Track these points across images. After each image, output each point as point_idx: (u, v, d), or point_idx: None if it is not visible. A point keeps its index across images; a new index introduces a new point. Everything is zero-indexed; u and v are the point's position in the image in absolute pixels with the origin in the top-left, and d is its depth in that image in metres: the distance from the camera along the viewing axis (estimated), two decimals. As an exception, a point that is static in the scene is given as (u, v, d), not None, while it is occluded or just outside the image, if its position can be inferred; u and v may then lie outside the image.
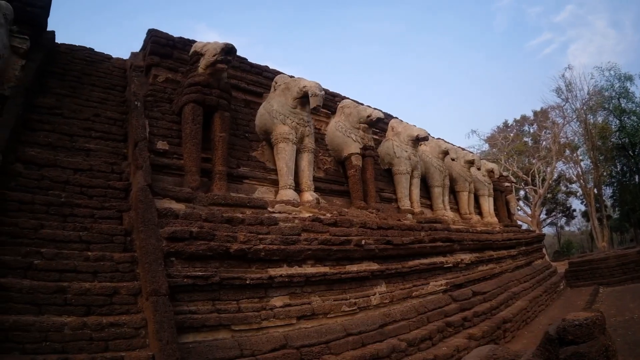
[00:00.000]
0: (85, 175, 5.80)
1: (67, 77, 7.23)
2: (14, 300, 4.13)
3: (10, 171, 5.36)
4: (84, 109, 6.71)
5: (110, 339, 4.21)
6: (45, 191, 5.38)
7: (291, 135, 7.50)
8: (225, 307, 5.15)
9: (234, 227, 5.83)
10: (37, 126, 6.14)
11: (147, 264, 4.67)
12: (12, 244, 4.65)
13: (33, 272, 4.41)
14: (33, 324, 3.97)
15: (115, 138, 6.57)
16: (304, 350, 5.25)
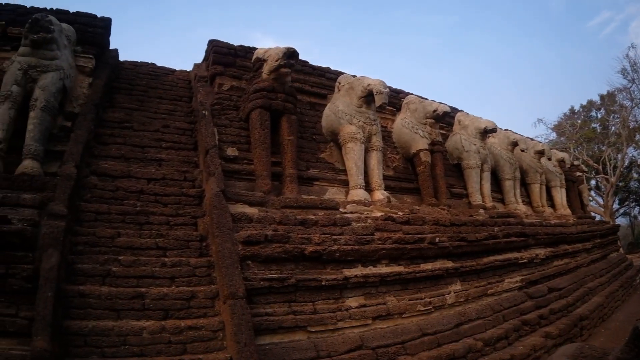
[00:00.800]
0: (158, 184, 5.92)
1: (134, 92, 7.45)
2: (92, 307, 4.27)
3: (86, 184, 5.57)
4: (153, 121, 6.88)
5: (189, 342, 4.29)
6: (121, 201, 5.54)
7: (359, 134, 7.40)
8: (301, 308, 5.13)
9: (308, 229, 5.81)
10: (109, 140, 6.34)
11: (224, 267, 4.71)
12: (90, 252, 4.83)
13: (111, 279, 4.55)
14: (112, 329, 4.11)
15: (185, 147, 6.68)
16: (379, 350, 5.16)
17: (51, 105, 5.83)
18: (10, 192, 4.97)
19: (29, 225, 4.45)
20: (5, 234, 4.33)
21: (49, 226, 4.48)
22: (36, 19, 5.92)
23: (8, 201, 4.74)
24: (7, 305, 4.12)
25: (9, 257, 4.28)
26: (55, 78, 5.93)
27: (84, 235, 4.96)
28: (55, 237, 4.41)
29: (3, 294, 4.16)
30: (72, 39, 6.59)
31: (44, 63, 5.95)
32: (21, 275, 4.19)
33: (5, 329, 3.99)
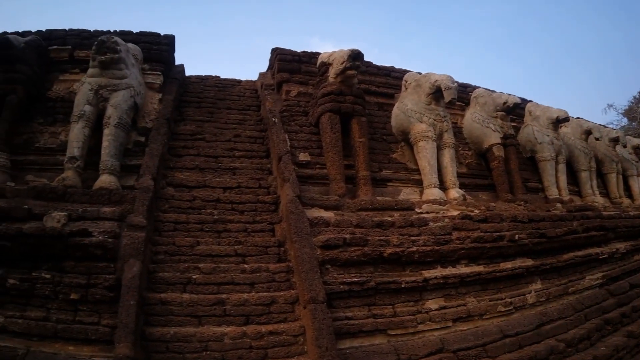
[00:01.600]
0: (234, 192, 5.99)
1: (203, 104, 7.57)
2: (174, 314, 4.44)
3: (163, 195, 5.75)
4: (224, 131, 6.95)
5: (269, 346, 4.33)
6: (198, 210, 5.68)
7: (430, 132, 7.20)
8: (381, 311, 5.04)
9: (385, 230, 5.69)
10: (183, 152, 6.47)
11: (304, 272, 4.71)
12: (170, 261, 5.01)
13: (192, 287, 4.70)
14: (194, 335, 4.25)
15: (257, 155, 6.72)
16: (460, 354, 4.99)
17: (124, 122, 5.98)
18: (89, 206, 5.16)
19: (110, 237, 4.61)
20: (87, 246, 4.52)
21: (130, 237, 4.66)
22: (102, 40, 6.08)
23: (88, 215, 4.90)
24: (90, 314, 4.36)
25: (91, 268, 4.52)
26: (126, 96, 6.09)
27: (163, 245, 5.13)
28: (136, 248, 4.59)
29: (86, 303, 4.40)
30: (139, 58, 6.77)
31: (113, 82, 6.11)
32: (103, 285, 4.40)
33: (87, 337, 4.21)
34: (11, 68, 6.52)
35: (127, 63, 6.28)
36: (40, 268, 4.57)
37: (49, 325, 4.29)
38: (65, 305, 4.41)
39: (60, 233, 4.56)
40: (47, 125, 6.53)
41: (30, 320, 4.34)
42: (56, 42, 7.26)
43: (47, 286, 4.44)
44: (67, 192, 5.37)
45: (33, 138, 6.44)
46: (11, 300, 4.51)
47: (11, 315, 4.41)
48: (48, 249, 4.59)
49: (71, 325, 4.29)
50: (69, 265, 4.56)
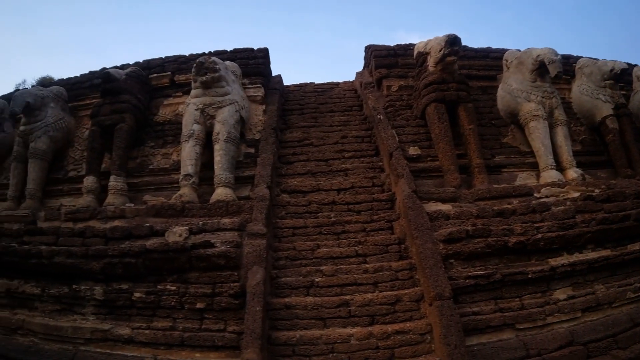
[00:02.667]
0: (348, 193, 5.97)
1: (305, 110, 7.64)
2: (299, 317, 4.53)
3: (279, 202, 5.86)
4: (330, 134, 6.94)
5: (396, 346, 4.25)
6: (315, 214, 5.72)
7: (539, 111, 6.84)
8: (508, 305, 4.78)
9: (507, 219, 5.43)
10: (293, 158, 6.56)
11: (427, 268, 4.60)
12: (292, 266, 5.16)
13: (315, 289, 4.78)
14: (320, 337, 4.29)
15: (367, 154, 6.65)
16: (590, 346, 4.63)
17: (233, 136, 6.12)
18: (208, 219, 5.39)
19: (232, 247, 4.77)
20: (211, 257, 4.71)
21: (251, 245, 4.80)
22: (201, 62, 6.26)
23: (209, 227, 5.13)
24: (216, 321, 4.56)
25: (215, 278, 4.73)
26: (232, 111, 6.24)
27: (284, 250, 5.24)
28: (258, 255, 4.72)
29: (211, 311, 4.61)
30: (238, 73, 6.90)
31: (217, 100, 6.27)
32: (228, 293, 4.58)
33: (214, 344, 4.40)
34: (117, 99, 6.88)
35: (227, 80, 6.41)
36: (165, 281, 4.87)
37: (176, 334, 4.52)
38: (191, 314, 4.63)
39: (184, 246, 4.79)
40: (158, 147, 6.85)
41: (157, 331, 4.61)
42: (155, 70, 7.57)
43: (173, 297, 4.69)
44: (185, 208, 5.62)
45: (146, 161, 6.79)
46: (138, 313, 4.83)
47: (138, 326, 4.71)
48: (172, 263, 4.84)
49: (197, 333, 4.48)
50: (193, 276, 4.78)
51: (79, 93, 8.17)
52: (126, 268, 4.96)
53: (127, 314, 4.88)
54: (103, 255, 5.09)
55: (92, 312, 5.08)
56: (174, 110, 7.20)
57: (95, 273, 5.10)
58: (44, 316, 5.36)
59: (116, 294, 4.94)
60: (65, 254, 5.32)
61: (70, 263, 5.23)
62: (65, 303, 5.28)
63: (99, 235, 5.45)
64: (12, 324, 5.45)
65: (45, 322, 5.25)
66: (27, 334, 5.30)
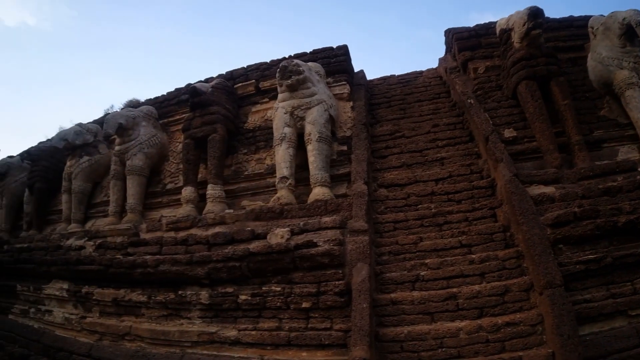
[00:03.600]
0: (446, 182, 5.82)
1: (393, 102, 7.54)
2: (406, 312, 4.44)
3: (377, 197, 5.80)
4: (421, 124, 6.82)
5: (506, 339, 4.08)
6: (415, 207, 5.60)
7: (634, 78, 6.38)
8: (620, 290, 4.43)
9: (613, 198, 5.09)
10: (386, 152, 6.48)
11: (536, 255, 4.36)
12: (395, 260, 5.05)
13: (421, 284, 4.67)
14: (428, 333, 4.17)
15: (461, 141, 6.45)
16: None
17: (325, 135, 6.12)
18: (308, 219, 5.43)
19: (335, 245, 4.79)
20: (314, 256, 4.74)
21: (354, 242, 4.78)
22: (284, 66, 6.33)
23: (310, 227, 5.17)
24: (322, 320, 4.59)
25: (319, 277, 4.75)
26: (321, 110, 6.25)
27: (386, 245, 5.17)
28: (361, 251, 4.69)
29: (317, 310, 4.64)
30: (322, 73, 6.91)
31: (305, 101, 6.30)
32: (333, 292, 4.59)
33: (320, 342, 4.43)
34: (206, 111, 7.09)
35: (312, 80, 6.43)
36: (270, 282, 4.96)
37: (282, 334, 4.60)
38: (297, 314, 4.68)
39: (287, 247, 4.87)
40: (251, 153, 7.00)
41: (264, 331, 4.72)
42: (240, 80, 7.74)
43: (278, 298, 4.77)
44: (284, 210, 5.70)
45: (241, 167, 6.98)
46: (243, 315, 4.97)
47: (244, 328, 4.86)
48: (275, 264, 4.93)
49: (304, 332, 4.52)
50: (298, 276, 4.84)
51: (167, 110, 8.50)
52: (231, 272, 5.11)
53: (232, 317, 5.04)
54: (207, 260, 5.27)
55: (199, 315, 5.29)
56: (263, 116, 7.36)
57: (201, 278, 5.30)
58: (151, 322, 5.65)
59: (222, 297, 5.12)
60: (170, 262, 5.55)
61: (176, 270, 5.46)
62: (171, 308, 5.53)
63: (202, 242, 5.67)
64: (120, 330, 5.79)
65: (152, 327, 5.55)
66: (134, 340, 5.61)
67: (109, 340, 5.90)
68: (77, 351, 5.95)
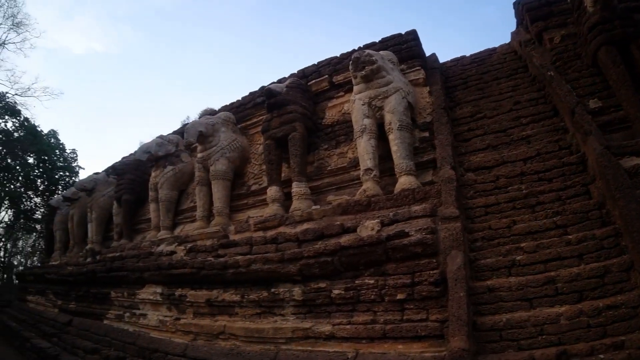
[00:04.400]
0: (535, 161, 5.59)
1: (469, 83, 7.38)
2: (503, 300, 4.25)
3: (465, 181, 5.65)
4: (501, 103, 6.62)
5: (608, 323, 3.81)
6: (505, 189, 5.42)
7: None
8: None
9: None
10: (469, 135, 6.35)
11: (635, 232, 4.05)
12: (489, 246, 4.85)
13: (517, 269, 4.47)
14: (527, 320, 3.99)
15: (545, 116, 6.19)
16: None
17: (405, 123, 6.04)
18: (396, 209, 5.38)
19: (428, 233, 4.67)
20: (407, 247, 4.66)
21: (446, 229, 4.66)
22: (356, 57, 6.29)
23: (400, 217, 5.10)
24: (417, 311, 4.48)
25: (413, 267, 4.66)
26: (399, 98, 6.15)
27: (479, 231, 5.02)
28: (455, 239, 4.57)
29: (412, 301, 4.53)
30: (395, 61, 6.82)
31: (382, 90, 6.23)
32: (428, 281, 4.46)
33: (417, 334, 4.33)
34: (284, 111, 7.19)
35: (386, 69, 6.36)
36: (363, 275, 4.94)
37: (377, 327, 4.55)
38: (391, 306, 4.62)
39: (378, 239, 4.81)
40: (332, 148, 7.03)
41: (358, 325, 4.69)
42: (313, 77, 7.81)
43: (372, 291, 4.74)
44: (371, 202, 5.67)
45: (323, 163, 7.02)
46: (337, 309, 4.97)
47: (338, 322, 4.86)
48: (367, 257, 4.89)
49: (399, 324, 4.46)
50: (391, 267, 4.78)
51: (244, 114, 8.70)
52: (323, 267, 5.14)
53: (326, 311, 5.06)
54: (299, 257, 5.35)
55: (292, 312, 5.37)
56: (340, 110, 7.37)
57: (293, 275, 5.39)
58: (245, 320, 5.79)
59: (315, 293, 5.16)
60: (262, 261, 5.68)
61: (268, 268, 5.59)
62: (264, 306, 5.65)
63: (292, 240, 5.74)
64: (214, 330, 5.98)
65: (246, 325, 5.68)
66: (228, 338, 5.79)
67: (204, 339, 6.14)
68: (172, 352, 6.21)
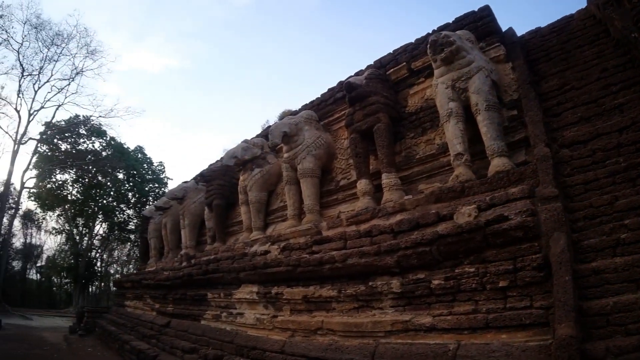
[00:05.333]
0: (631, 131, 5.21)
1: (552, 55, 7.10)
2: (609, 282, 3.96)
3: (560, 158, 5.37)
4: (588, 72, 6.30)
5: None
6: (602, 163, 5.09)
7: None
8: None
9: None
10: (558, 109, 6.10)
11: None
12: (591, 225, 4.56)
13: (622, 248, 4.14)
14: (635, 302, 3.67)
15: (634, 82, 5.74)
16: None
17: (492, 103, 5.91)
18: (492, 192, 5.22)
19: (528, 216, 4.45)
20: (507, 231, 4.46)
21: (547, 210, 4.45)
22: (433, 40, 6.22)
23: (497, 201, 4.92)
24: (520, 298, 4.29)
25: (514, 252, 4.44)
26: (482, 77, 6.01)
27: (580, 210, 4.76)
28: (556, 220, 4.34)
29: (515, 288, 4.34)
30: (472, 39, 6.64)
31: (464, 71, 6.12)
32: (531, 266, 4.25)
33: (521, 322, 4.16)
34: (366, 103, 7.23)
35: (466, 49, 6.23)
36: (462, 264, 4.80)
37: (479, 317, 4.43)
38: (493, 294, 4.48)
39: (477, 225, 4.66)
40: (418, 136, 6.98)
41: (460, 315, 4.59)
42: (390, 65, 7.76)
43: (473, 279, 4.61)
44: (465, 187, 5.58)
45: (411, 152, 6.98)
46: (437, 300, 4.88)
47: (439, 313, 4.78)
48: (466, 244, 4.75)
49: (502, 313, 4.31)
50: (491, 254, 4.61)
51: (326, 111, 8.80)
52: (421, 257, 5.06)
53: (426, 303, 4.99)
54: (396, 249, 5.29)
55: (390, 305, 5.34)
56: (422, 96, 7.26)
57: (390, 267, 5.34)
58: (342, 315, 5.84)
59: (414, 285, 5.10)
60: (358, 255, 5.68)
61: (364, 262, 5.57)
62: (362, 300, 5.66)
63: (386, 232, 5.70)
64: (312, 326, 6.06)
65: (343, 320, 5.71)
66: (326, 334, 5.85)
67: (301, 336, 6.23)
68: (270, 349, 6.35)
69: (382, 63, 8.04)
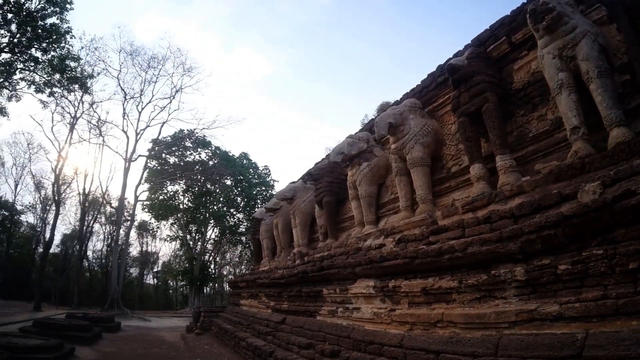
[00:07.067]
0: None
1: None
2: None
3: None
4: None
5: None
6: None
7: None
8: None
9: None
10: None
11: None
12: None
13: None
14: None
15: None
16: None
17: (604, 69, 5.45)
18: (615, 166, 4.80)
19: None
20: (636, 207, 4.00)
21: None
22: (532, 9, 5.92)
23: (622, 175, 4.47)
24: None
25: None
26: (589, 42, 5.58)
27: None
28: None
29: None
30: (571, 3, 6.17)
31: (569, 38, 5.72)
32: None
33: None
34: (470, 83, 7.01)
35: (567, 14, 5.84)
36: (589, 246, 4.37)
37: (609, 302, 4.04)
38: (623, 277, 4.05)
39: (604, 203, 4.25)
40: (529, 113, 6.62)
41: (588, 302, 4.20)
42: (490, 42, 7.41)
43: (601, 262, 4.19)
44: (585, 163, 5.20)
45: (523, 130, 6.64)
46: (564, 287, 4.51)
47: (566, 301, 4.40)
48: (593, 224, 4.34)
49: (632, 297, 3.90)
50: (620, 233, 4.16)
51: (428, 97, 8.59)
52: (545, 241, 4.71)
53: (552, 290, 4.65)
54: (519, 234, 5.00)
55: (514, 294, 5.04)
56: (527, 70, 6.85)
57: (513, 254, 5.03)
58: (463, 306, 5.63)
59: (539, 271, 4.76)
60: (478, 243, 5.46)
61: (485, 250, 5.33)
62: (483, 290, 5.42)
63: (506, 217, 5.42)
64: (431, 318, 5.91)
65: (465, 312, 5.51)
66: (446, 326, 5.67)
67: (420, 329, 6.10)
68: (388, 343, 6.30)
69: (480, 40, 7.69)
